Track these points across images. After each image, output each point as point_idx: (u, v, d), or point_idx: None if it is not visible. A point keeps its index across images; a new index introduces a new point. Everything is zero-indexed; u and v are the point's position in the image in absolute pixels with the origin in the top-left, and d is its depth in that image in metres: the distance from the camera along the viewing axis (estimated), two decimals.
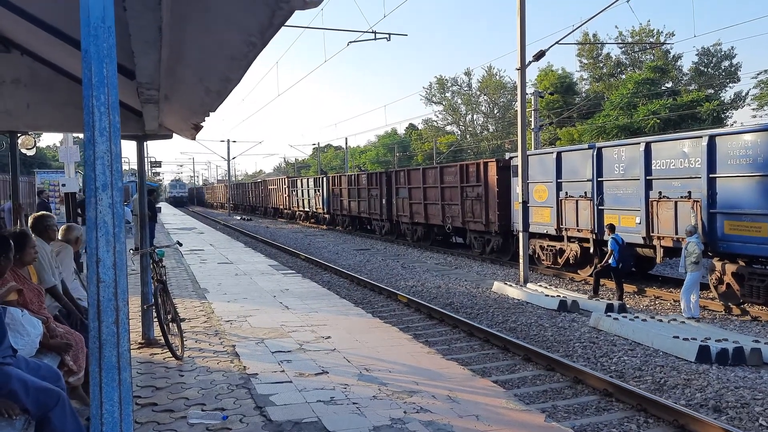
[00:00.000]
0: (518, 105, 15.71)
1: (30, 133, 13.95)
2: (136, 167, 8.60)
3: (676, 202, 13.08)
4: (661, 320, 10.64)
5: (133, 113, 6.56)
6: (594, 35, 52.08)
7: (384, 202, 29.11)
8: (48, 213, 6.58)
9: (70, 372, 4.75)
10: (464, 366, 7.34)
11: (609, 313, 11.18)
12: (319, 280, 16.17)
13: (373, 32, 20.69)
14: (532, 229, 16.92)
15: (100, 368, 1.80)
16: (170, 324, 7.36)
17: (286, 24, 2.69)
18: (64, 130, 12.36)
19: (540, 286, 14.45)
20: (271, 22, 2.53)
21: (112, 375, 1.80)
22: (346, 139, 63.99)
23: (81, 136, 21.10)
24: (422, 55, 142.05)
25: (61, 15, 3.97)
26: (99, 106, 1.82)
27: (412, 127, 77.04)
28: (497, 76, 66.38)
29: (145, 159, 8.36)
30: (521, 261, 15.15)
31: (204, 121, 6.12)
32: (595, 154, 15.54)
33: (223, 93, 4.32)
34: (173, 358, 7.04)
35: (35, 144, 16.70)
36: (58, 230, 6.58)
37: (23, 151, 14.76)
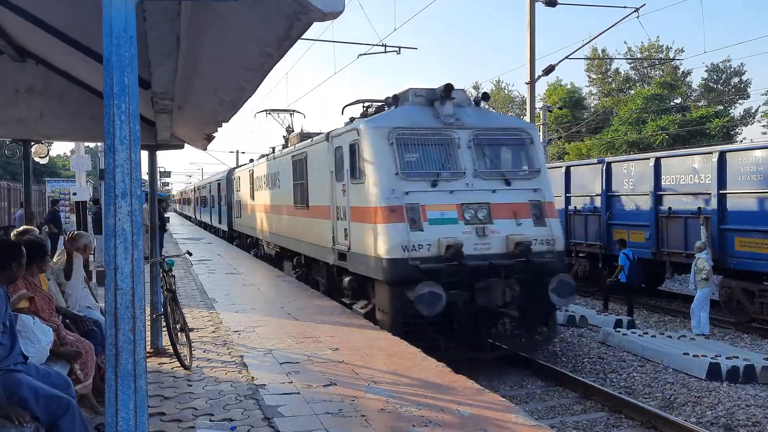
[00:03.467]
0: (527, 119, 15.71)
1: (43, 141, 14.06)
2: (147, 177, 8.62)
3: (685, 218, 13.02)
4: (670, 336, 10.55)
5: (145, 123, 6.61)
6: (603, 50, 52.08)
7: None
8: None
9: (78, 380, 4.76)
10: (473, 380, 7.30)
11: (618, 329, 11.11)
12: None
13: (383, 45, 20.75)
14: None
15: (116, 375, 1.80)
16: (179, 333, 7.36)
17: None
18: (77, 139, 12.47)
19: None
20: (289, 33, 2.55)
21: (128, 382, 1.80)
22: None
23: (92, 145, 21.23)
24: (431, 68, 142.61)
25: (77, 25, 4.01)
26: (120, 115, 1.84)
27: None
28: (506, 90, 66.46)
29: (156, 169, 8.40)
30: None
31: (216, 131, 6.17)
32: (604, 168, 15.51)
33: (237, 103, 4.35)
34: (182, 368, 7.03)
35: (48, 153, 16.82)
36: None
37: (36, 159, 14.87)
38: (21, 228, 6.56)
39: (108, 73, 1.83)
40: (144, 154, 7.94)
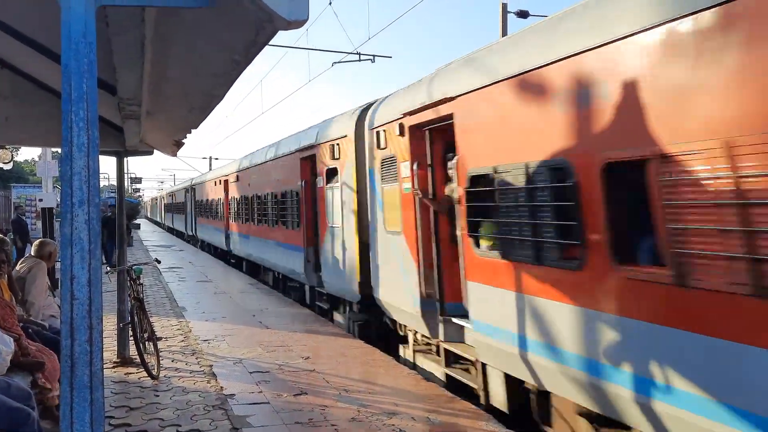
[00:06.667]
0: None
1: (7, 146, 13.78)
2: (115, 183, 8.50)
3: None
4: None
5: (113, 128, 6.52)
6: None
7: None
8: None
9: (45, 389, 4.65)
10: (445, 387, 7.30)
11: None
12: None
13: (357, 53, 20.78)
14: None
15: (71, 387, 1.76)
16: (146, 343, 7.24)
17: (270, 43, 2.71)
18: (44, 144, 12.25)
19: None
20: (255, 40, 2.54)
21: (83, 395, 1.76)
22: None
23: (59, 150, 20.86)
24: (406, 77, 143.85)
25: (43, 29, 3.95)
26: (78, 122, 1.81)
27: None
28: None
29: (125, 175, 8.29)
30: None
31: (186, 138, 6.11)
32: None
33: (206, 110, 4.32)
34: (149, 378, 6.92)
35: (12, 158, 16.45)
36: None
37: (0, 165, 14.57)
38: None
39: (66, 79, 1.80)
40: (112, 161, 7.84)
